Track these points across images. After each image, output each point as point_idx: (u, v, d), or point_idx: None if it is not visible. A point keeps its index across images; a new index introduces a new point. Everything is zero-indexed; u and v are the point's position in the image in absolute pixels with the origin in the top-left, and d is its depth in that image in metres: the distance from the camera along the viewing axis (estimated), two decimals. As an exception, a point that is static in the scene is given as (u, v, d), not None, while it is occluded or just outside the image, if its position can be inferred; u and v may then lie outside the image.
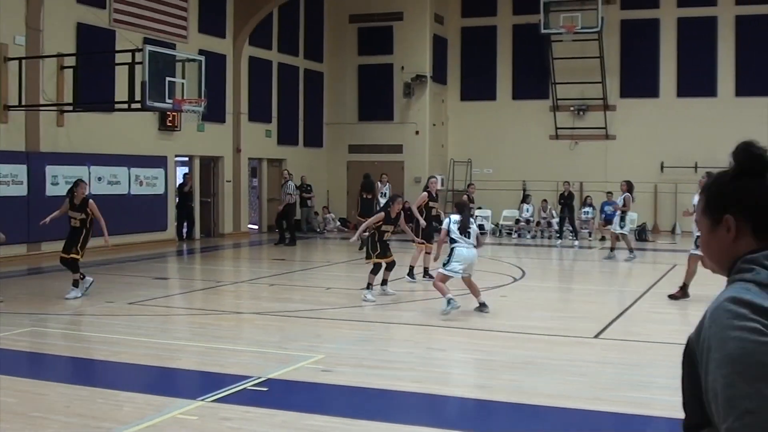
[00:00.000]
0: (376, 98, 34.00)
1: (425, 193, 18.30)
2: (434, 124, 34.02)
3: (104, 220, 15.53)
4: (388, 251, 15.00)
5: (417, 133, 33.38)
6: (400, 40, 33.69)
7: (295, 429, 7.27)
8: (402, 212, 15.66)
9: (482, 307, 13.32)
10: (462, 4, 34.93)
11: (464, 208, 13.96)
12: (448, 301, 13.04)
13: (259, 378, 8.99)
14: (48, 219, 15.91)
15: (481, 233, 15.10)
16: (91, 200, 15.60)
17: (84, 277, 15.43)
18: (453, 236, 13.42)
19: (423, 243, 17.35)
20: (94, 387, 8.69)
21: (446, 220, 13.83)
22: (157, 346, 11.10)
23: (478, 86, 34.48)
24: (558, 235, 28.33)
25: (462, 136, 34.92)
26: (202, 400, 8.13)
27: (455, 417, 7.93)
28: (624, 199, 21.81)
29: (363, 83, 34.54)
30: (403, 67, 33.49)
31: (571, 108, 32.93)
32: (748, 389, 2.24)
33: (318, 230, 31.78)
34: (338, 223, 33.20)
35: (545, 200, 30.22)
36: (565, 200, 27.97)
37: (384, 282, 15.21)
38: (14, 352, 10.73)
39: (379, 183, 27.13)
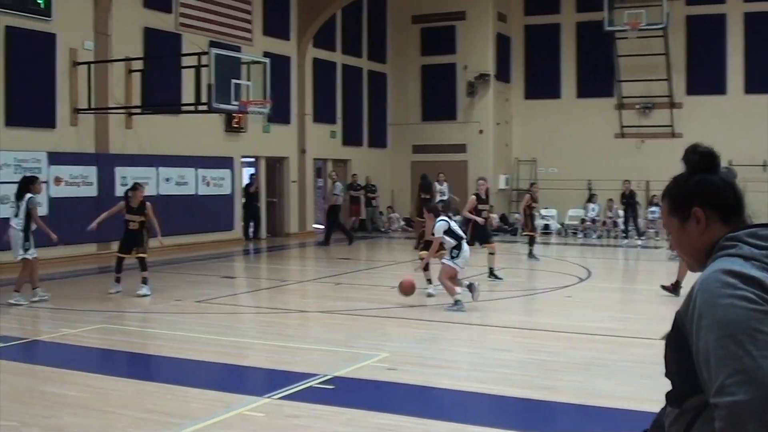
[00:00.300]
0: (440, 98, 33.99)
1: (473, 196, 18.47)
2: (498, 123, 33.92)
3: (159, 221, 16.27)
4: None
5: (481, 132, 33.31)
6: (463, 39, 33.67)
7: (361, 427, 7.33)
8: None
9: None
10: (525, 2, 34.74)
11: (447, 211, 14.78)
12: (456, 302, 13.60)
13: (326, 376, 9.09)
14: (95, 224, 16.23)
15: (546, 233, 15.21)
16: (148, 203, 15.90)
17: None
18: (458, 234, 14.00)
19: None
20: (163, 383, 8.84)
21: (443, 224, 14.06)
22: (225, 344, 11.27)
23: (542, 84, 34.31)
24: (624, 234, 28.15)
25: (526, 135, 34.77)
26: (269, 397, 8.25)
27: (519, 418, 7.95)
28: None
29: (426, 83, 34.56)
30: (466, 67, 33.45)
31: (637, 106, 32.61)
32: (738, 350, 2.41)
33: (382, 230, 31.94)
34: (402, 223, 33.28)
35: (611, 199, 29.98)
36: (628, 199, 27.78)
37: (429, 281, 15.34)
38: (86, 349, 10.97)
39: (436, 183, 27.24)
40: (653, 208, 29.48)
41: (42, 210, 20.15)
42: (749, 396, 2.38)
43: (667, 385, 2.77)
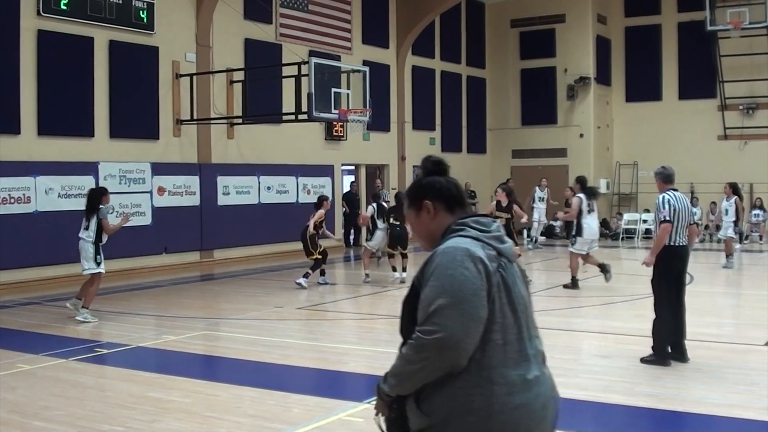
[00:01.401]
0: (539, 102, 33.76)
1: (493, 203, 18.45)
2: (599, 127, 33.54)
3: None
4: None
5: (581, 136, 32.98)
6: (563, 42, 33.38)
7: None
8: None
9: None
10: (625, 4, 34.23)
11: (377, 198, 19.19)
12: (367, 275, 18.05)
13: (424, 382, 9.08)
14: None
15: (648, 237, 15.30)
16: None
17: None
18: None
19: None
20: (264, 389, 8.94)
21: (370, 208, 18.91)
22: (325, 350, 11.36)
23: (643, 87, 33.80)
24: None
25: (627, 138, 34.29)
26: (369, 402, 8.28)
27: (621, 425, 7.84)
28: None
29: (525, 87, 34.36)
30: (566, 70, 33.16)
31: (740, 107, 31.88)
32: (448, 305, 3.29)
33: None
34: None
35: (713, 202, 29.35)
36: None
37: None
38: (188, 355, 11.17)
39: (537, 188, 27.31)
40: (757, 211, 28.85)
41: (145, 219, 20.68)
42: (440, 335, 3.27)
43: (759, 391, 2.71)
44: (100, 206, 13.98)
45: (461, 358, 3.32)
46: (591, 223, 17.40)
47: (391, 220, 18.32)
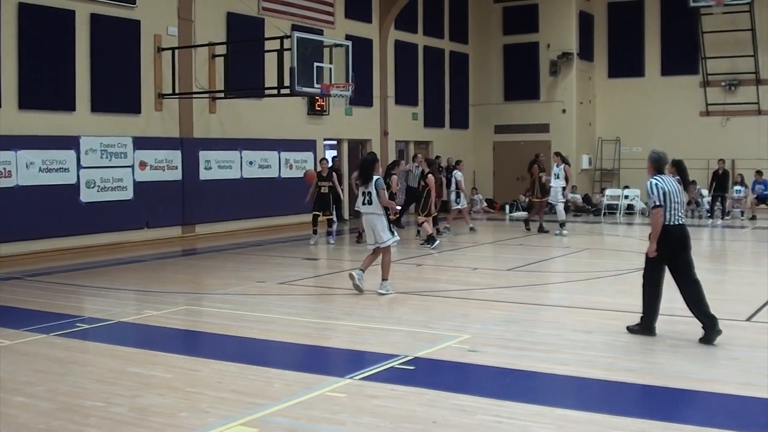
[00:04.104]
0: (522, 77, 33.77)
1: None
2: (581, 102, 33.58)
3: None
4: None
5: (564, 111, 33.04)
6: (546, 17, 33.37)
7: (442, 408, 7.32)
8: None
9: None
10: (608, -21, 34.30)
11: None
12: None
13: (406, 357, 9.11)
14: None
15: (630, 213, 15.19)
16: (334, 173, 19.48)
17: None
18: None
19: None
20: (246, 364, 8.93)
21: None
22: (307, 325, 11.36)
23: (625, 63, 33.89)
24: (709, 214, 27.70)
25: (610, 113, 34.37)
26: (351, 377, 8.29)
27: (602, 400, 7.86)
28: None
29: (508, 63, 34.36)
30: (549, 45, 33.19)
31: (722, 83, 31.96)
32: None
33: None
34: (485, 204, 33.15)
35: (693, 181, 29.46)
36: (719, 179, 27.36)
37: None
38: (170, 330, 11.14)
39: (554, 165, 24.68)
40: (738, 187, 28.95)
41: (127, 193, 20.64)
42: None
43: (749, 367, 2.71)
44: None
45: None
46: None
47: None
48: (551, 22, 33.25)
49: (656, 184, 10.17)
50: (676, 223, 10.10)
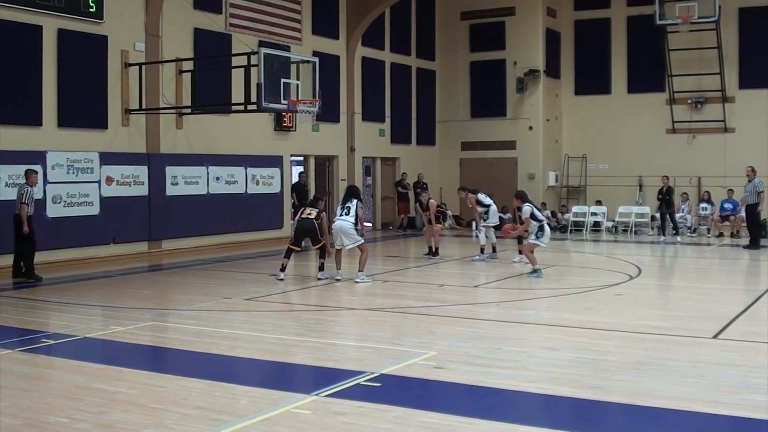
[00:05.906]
0: (489, 94, 33.91)
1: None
2: (548, 120, 33.75)
3: None
4: None
5: (530, 128, 33.19)
6: (512, 35, 33.56)
7: (408, 425, 7.31)
8: None
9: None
10: (575, -3, 34.57)
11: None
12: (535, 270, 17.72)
13: (372, 373, 9.09)
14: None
15: (596, 230, 15.42)
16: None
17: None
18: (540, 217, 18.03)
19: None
20: (211, 380, 8.89)
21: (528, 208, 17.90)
22: (273, 341, 11.30)
23: (592, 80, 34.12)
24: (661, 231, 27.83)
25: (576, 131, 34.56)
26: (316, 394, 8.27)
27: (568, 417, 7.88)
28: None
29: (475, 80, 34.49)
30: (515, 63, 33.34)
31: (689, 101, 32.23)
32: None
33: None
34: (452, 221, 33.19)
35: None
36: (663, 196, 27.50)
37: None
38: (135, 346, 11.07)
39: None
40: (705, 204, 29.18)
41: (93, 209, 20.54)
42: None
43: (716, 384, 2.74)
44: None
45: None
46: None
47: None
48: (518, 40, 33.43)
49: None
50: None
